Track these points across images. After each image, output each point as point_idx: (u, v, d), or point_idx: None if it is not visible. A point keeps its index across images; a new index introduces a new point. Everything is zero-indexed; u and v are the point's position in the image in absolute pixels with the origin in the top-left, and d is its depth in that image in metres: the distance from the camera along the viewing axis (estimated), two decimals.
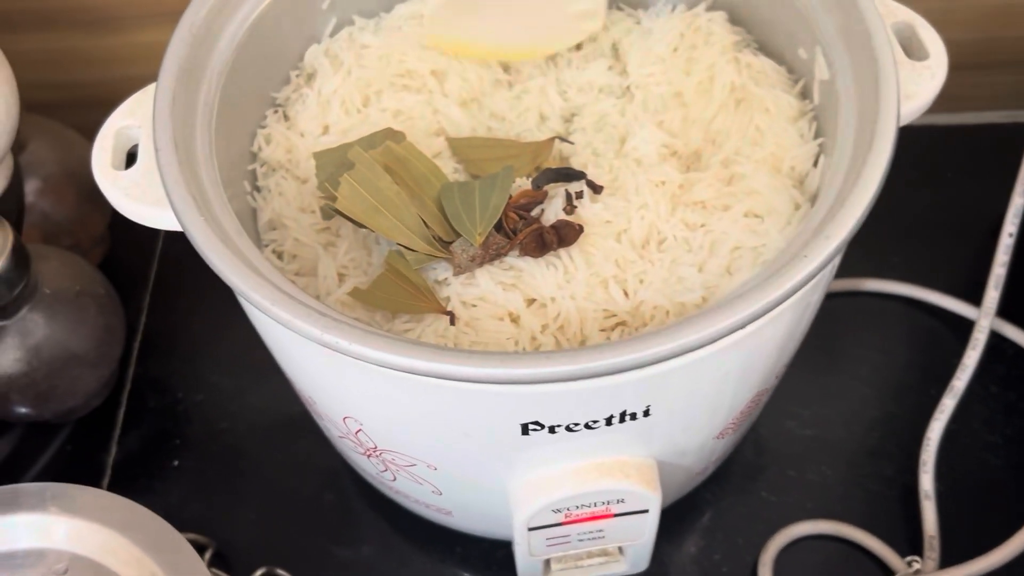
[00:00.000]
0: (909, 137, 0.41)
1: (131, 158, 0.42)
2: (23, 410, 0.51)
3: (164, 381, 0.60)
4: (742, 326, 0.32)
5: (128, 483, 0.56)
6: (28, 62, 0.63)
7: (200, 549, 0.52)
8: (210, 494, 0.56)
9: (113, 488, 0.56)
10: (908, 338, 0.59)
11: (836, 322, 0.59)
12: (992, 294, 0.53)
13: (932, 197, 0.64)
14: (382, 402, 0.37)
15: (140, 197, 0.39)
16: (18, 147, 0.55)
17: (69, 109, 0.65)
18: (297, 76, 0.47)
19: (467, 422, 0.36)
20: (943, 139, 0.66)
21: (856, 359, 0.58)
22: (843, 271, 0.61)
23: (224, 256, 0.34)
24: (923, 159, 0.65)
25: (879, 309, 0.60)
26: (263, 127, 0.46)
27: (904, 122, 0.39)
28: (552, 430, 0.36)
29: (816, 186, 0.42)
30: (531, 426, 0.35)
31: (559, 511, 0.40)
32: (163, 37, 0.61)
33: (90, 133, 0.62)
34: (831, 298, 0.60)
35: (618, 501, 0.40)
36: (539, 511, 0.39)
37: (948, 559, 0.50)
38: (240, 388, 0.59)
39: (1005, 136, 0.65)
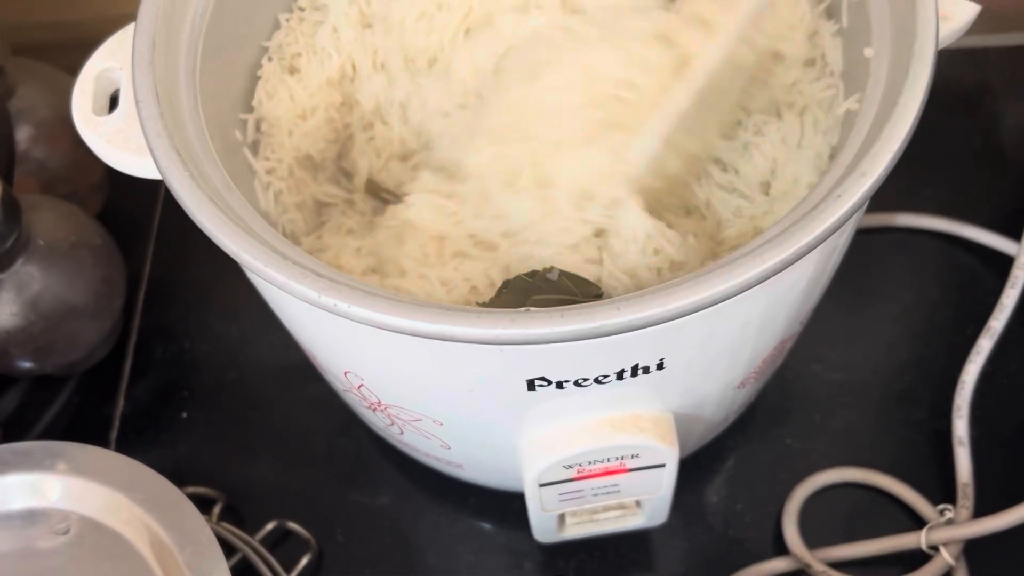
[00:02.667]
0: (944, 59, 0.38)
1: (115, 101, 0.40)
2: (25, 364, 0.50)
3: (170, 331, 0.58)
4: (767, 277, 0.30)
5: (136, 435, 0.55)
6: (14, 2, 0.60)
7: (209, 503, 0.51)
8: (219, 446, 0.55)
9: (121, 441, 0.55)
10: (942, 276, 0.56)
11: (866, 259, 0.56)
12: None
13: (970, 124, 0.61)
14: (381, 359, 0.35)
15: (123, 144, 0.37)
16: (7, 92, 0.53)
17: (59, 50, 0.62)
18: (288, 20, 0.44)
19: (470, 379, 0.34)
20: (983, 61, 0.63)
21: (887, 298, 0.56)
22: (874, 204, 0.58)
23: (212, 215, 0.32)
24: (960, 83, 0.62)
25: (912, 245, 0.57)
26: (259, 76, 0.43)
27: (942, 45, 0.36)
28: (560, 385, 0.34)
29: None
30: (537, 382, 0.33)
31: (571, 467, 0.38)
32: None
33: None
34: (861, 234, 0.57)
35: (633, 456, 0.38)
36: (550, 467, 0.38)
37: (983, 507, 0.48)
38: (247, 336, 0.58)
39: None
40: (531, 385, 0.34)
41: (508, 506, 0.51)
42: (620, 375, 0.34)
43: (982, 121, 0.61)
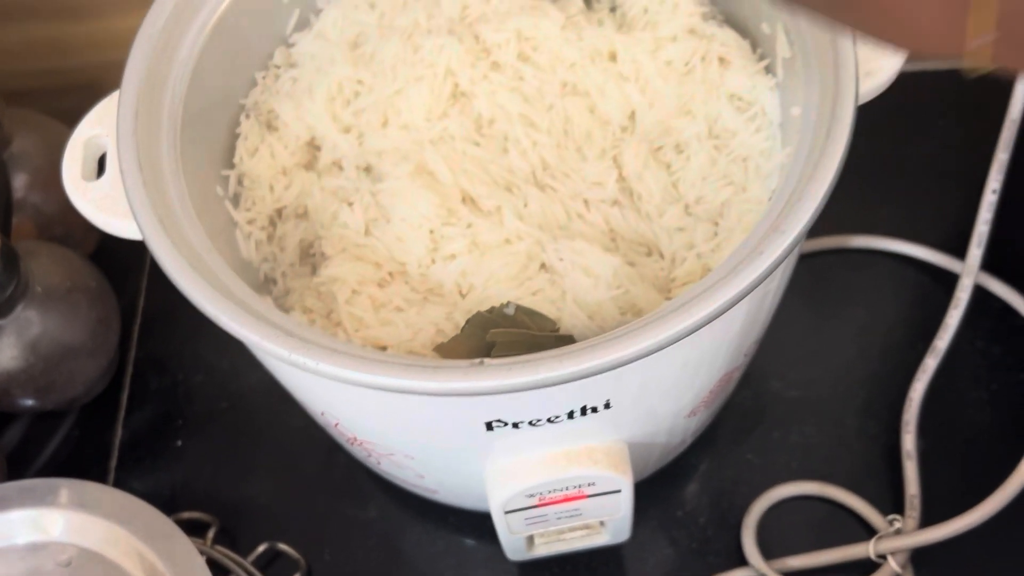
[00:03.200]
0: (895, 84, 0.41)
1: (102, 163, 0.43)
2: (27, 402, 0.53)
3: (165, 362, 0.62)
4: (694, 330, 0.33)
5: (134, 464, 0.58)
6: (7, 52, 0.63)
7: (204, 527, 0.54)
8: (213, 472, 0.58)
9: (120, 469, 0.58)
10: (895, 294, 0.59)
11: (821, 280, 0.59)
12: (975, 252, 0.53)
13: (921, 146, 0.63)
14: (351, 404, 0.38)
15: (111, 209, 0.40)
16: (3, 143, 0.56)
17: (51, 94, 0.66)
18: (264, 78, 0.47)
19: (432, 422, 0.37)
20: (931, 85, 0.65)
21: (843, 317, 0.58)
22: (828, 227, 0.61)
23: (191, 280, 0.35)
24: (911, 105, 0.64)
25: (866, 265, 0.60)
26: (238, 134, 0.46)
27: (864, 100, 0.39)
28: (516, 425, 0.37)
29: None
30: (494, 423, 0.36)
31: (532, 495, 0.41)
32: (139, 22, 0.62)
33: (73, 117, 0.63)
34: (817, 255, 0.60)
35: (590, 484, 0.41)
36: (512, 496, 0.41)
37: (929, 517, 0.51)
38: (237, 368, 0.61)
39: (994, 82, 0.64)
40: (489, 426, 0.37)
41: (486, 524, 0.54)
42: (570, 415, 0.37)
43: (933, 142, 0.63)
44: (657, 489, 0.53)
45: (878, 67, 0.40)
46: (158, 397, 0.60)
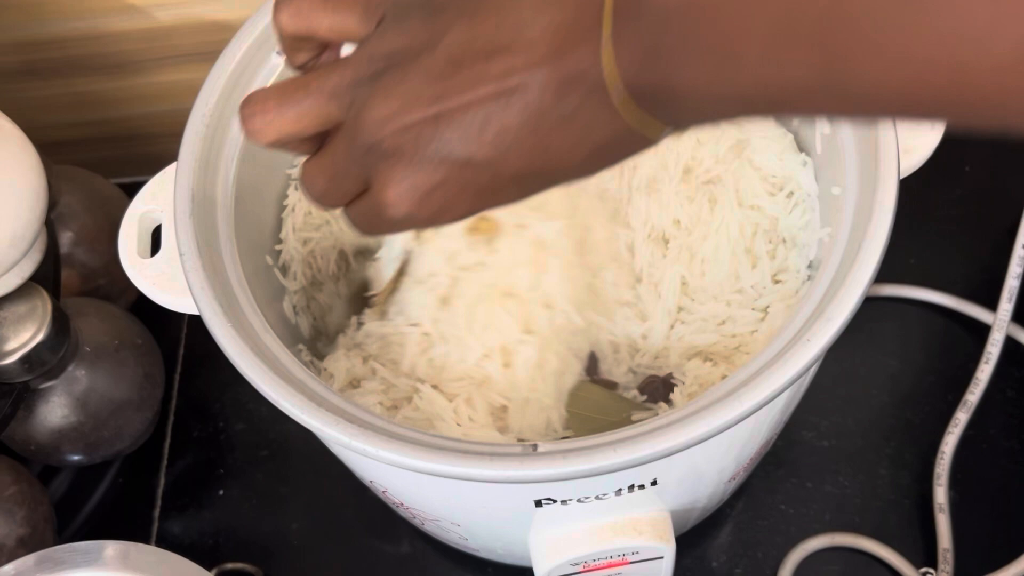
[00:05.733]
0: None
1: (157, 236, 0.44)
2: (75, 458, 0.54)
3: (205, 410, 0.63)
4: (746, 417, 0.34)
5: (178, 513, 0.59)
6: (51, 105, 0.65)
7: None
8: (255, 520, 0.59)
9: (163, 519, 0.59)
10: (927, 343, 0.60)
11: (851, 328, 0.59)
12: (1006, 306, 0.53)
13: (951, 194, 0.64)
14: (400, 480, 0.39)
15: (167, 286, 0.41)
16: (50, 206, 0.57)
17: (91, 145, 0.67)
18: None
19: (483, 500, 0.38)
20: (958, 132, 0.66)
21: (874, 366, 0.59)
22: None
23: (252, 364, 0.36)
24: (937, 154, 0.65)
25: (896, 313, 0.61)
26: (285, 205, 0.47)
27: (904, 175, 0.40)
28: (564, 503, 0.38)
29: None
30: (544, 501, 0.37)
31: (577, 564, 0.42)
32: (178, 76, 0.63)
33: (114, 167, 0.65)
34: None
35: (633, 553, 0.42)
36: (557, 566, 0.41)
37: (962, 570, 0.51)
38: (277, 415, 0.60)
39: None
40: (538, 503, 0.38)
41: (526, 574, 0.55)
42: (618, 492, 0.38)
43: (963, 190, 0.64)
44: (694, 539, 0.54)
45: (918, 144, 0.40)
46: (199, 445, 0.61)
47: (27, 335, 0.48)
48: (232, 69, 0.43)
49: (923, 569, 0.52)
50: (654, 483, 0.38)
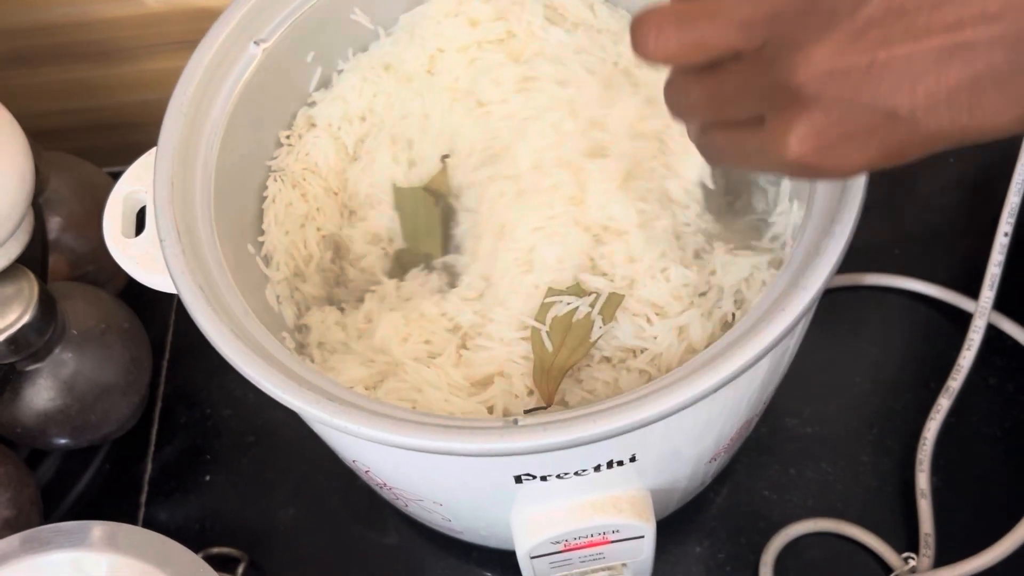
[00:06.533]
0: None
1: (141, 217, 0.44)
2: (62, 441, 0.55)
3: (192, 397, 0.63)
4: (721, 386, 0.34)
5: (164, 498, 0.59)
6: (41, 93, 0.65)
7: (234, 562, 0.55)
8: (241, 506, 0.59)
9: (150, 504, 0.59)
10: (907, 331, 0.60)
11: (835, 318, 0.60)
12: (987, 294, 0.54)
13: (932, 186, 0.64)
14: (385, 458, 0.39)
15: (150, 266, 0.41)
16: (38, 190, 0.57)
17: (81, 133, 0.67)
18: (287, 138, 0.48)
19: (463, 476, 0.38)
20: None
21: (856, 354, 0.60)
22: (842, 266, 0.62)
23: (233, 347, 0.37)
24: None
25: (877, 302, 0.61)
26: (265, 196, 0.47)
27: None
28: (544, 479, 0.38)
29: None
30: (524, 476, 0.38)
31: (558, 542, 0.42)
32: (167, 64, 0.63)
33: (101, 155, 0.65)
34: (830, 293, 0.61)
35: (613, 531, 0.42)
36: (539, 544, 0.42)
37: (944, 555, 0.52)
38: (264, 402, 0.61)
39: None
40: (518, 479, 0.38)
41: (509, 560, 0.55)
42: (597, 468, 0.38)
43: (945, 180, 0.65)
44: (676, 524, 0.54)
45: None
46: (186, 431, 0.62)
47: (13, 316, 0.48)
48: (211, 57, 0.44)
49: (905, 554, 0.52)
50: (633, 459, 0.38)
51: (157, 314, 0.65)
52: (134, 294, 0.62)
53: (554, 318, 0.40)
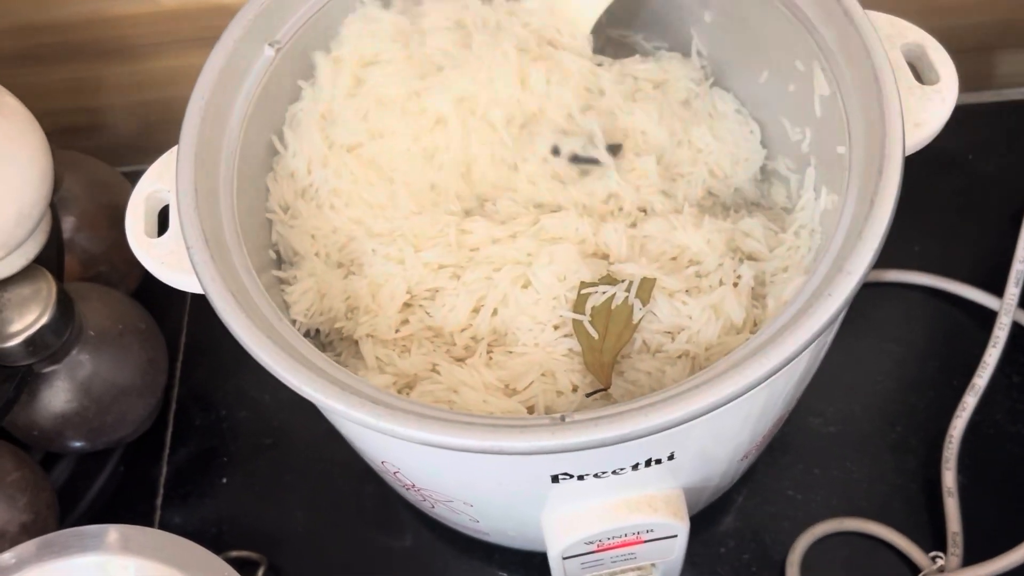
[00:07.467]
0: None
1: (164, 215, 0.43)
2: (77, 444, 0.54)
3: (208, 399, 0.62)
4: (772, 374, 0.33)
5: (180, 501, 0.59)
6: (53, 91, 0.64)
7: (252, 565, 0.55)
8: (259, 509, 0.58)
9: (165, 507, 0.58)
10: (931, 329, 0.60)
11: (858, 315, 0.60)
12: (1012, 290, 0.54)
13: (954, 181, 0.64)
14: (417, 459, 0.38)
15: (176, 265, 0.40)
16: (53, 190, 0.56)
17: (92, 131, 0.67)
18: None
19: (499, 476, 0.38)
20: (965, 119, 0.66)
21: (879, 352, 0.59)
22: None
23: (273, 353, 0.35)
24: (943, 141, 0.65)
25: (901, 299, 0.61)
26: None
27: (912, 151, 0.40)
28: (581, 478, 0.37)
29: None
30: (561, 476, 0.37)
31: (591, 543, 0.42)
32: (180, 62, 0.63)
33: (115, 153, 0.64)
34: None
35: (648, 531, 0.42)
36: (572, 544, 0.41)
37: (972, 554, 0.51)
38: (281, 403, 0.61)
39: None
40: (555, 479, 0.37)
41: (532, 561, 0.55)
42: (635, 467, 0.37)
43: (966, 178, 0.64)
44: (702, 525, 0.54)
45: (927, 118, 0.40)
46: (202, 433, 0.61)
47: (31, 317, 0.48)
48: (226, 61, 0.43)
49: (933, 553, 0.52)
50: (671, 457, 0.37)
51: (170, 315, 0.64)
52: (147, 295, 0.61)
53: (593, 307, 0.40)
